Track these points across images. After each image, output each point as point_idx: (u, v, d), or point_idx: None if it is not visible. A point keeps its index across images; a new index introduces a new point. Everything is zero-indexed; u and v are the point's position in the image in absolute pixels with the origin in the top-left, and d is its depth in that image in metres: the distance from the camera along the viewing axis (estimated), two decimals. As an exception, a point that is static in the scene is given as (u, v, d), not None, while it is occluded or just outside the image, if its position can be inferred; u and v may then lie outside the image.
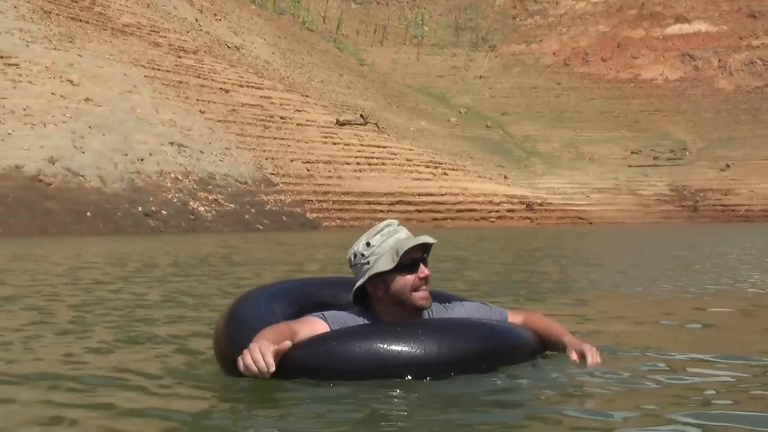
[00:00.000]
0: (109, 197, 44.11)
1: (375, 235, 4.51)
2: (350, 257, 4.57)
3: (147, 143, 51.22)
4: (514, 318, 4.81)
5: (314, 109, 74.42)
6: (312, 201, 56.70)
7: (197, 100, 63.00)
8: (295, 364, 4.15)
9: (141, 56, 64.71)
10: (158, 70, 64.06)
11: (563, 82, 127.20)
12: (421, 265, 4.44)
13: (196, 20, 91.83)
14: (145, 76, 60.97)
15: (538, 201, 70.19)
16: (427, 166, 69.89)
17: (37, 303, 8.45)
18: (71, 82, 53.93)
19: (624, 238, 35.24)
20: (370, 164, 66.36)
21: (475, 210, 63.32)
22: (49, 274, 13.27)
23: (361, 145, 69.45)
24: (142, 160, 49.38)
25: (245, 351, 4.05)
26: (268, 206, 52.28)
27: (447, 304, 4.84)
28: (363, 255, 4.49)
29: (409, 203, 60.99)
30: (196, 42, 79.05)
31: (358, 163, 65.77)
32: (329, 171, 62.87)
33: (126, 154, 48.91)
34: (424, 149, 78.19)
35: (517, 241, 30.93)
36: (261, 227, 47.65)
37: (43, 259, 18.34)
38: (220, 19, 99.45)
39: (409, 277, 4.41)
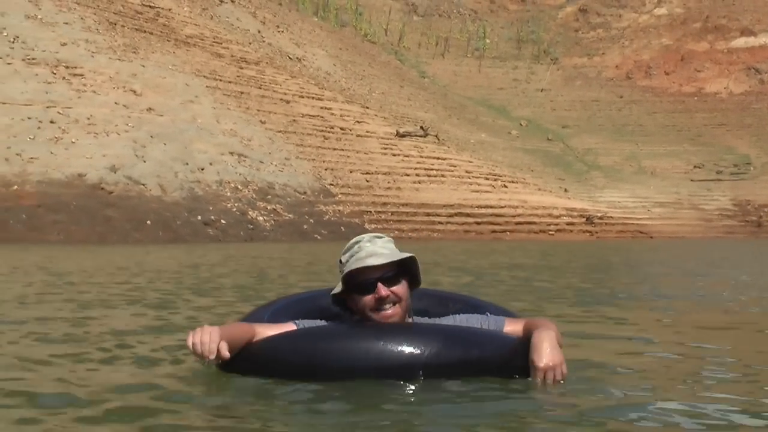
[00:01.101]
0: (169, 206, 44.51)
1: (344, 253, 4.50)
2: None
3: (207, 153, 51.64)
4: (513, 326, 4.58)
5: (374, 121, 74.54)
6: (371, 212, 56.75)
7: (258, 110, 63.40)
8: (246, 359, 4.26)
9: (203, 67, 65.29)
10: (220, 80, 64.59)
11: (625, 95, 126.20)
12: (379, 284, 4.32)
13: (259, 32, 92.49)
14: (206, 86, 61.52)
15: (599, 214, 69.60)
16: (487, 179, 69.63)
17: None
18: (134, 92, 54.56)
19: (708, 252, 34.83)
20: (429, 176, 66.28)
21: (534, 223, 62.95)
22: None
23: (421, 156, 69.39)
24: (202, 169, 49.78)
25: (197, 329, 4.14)
26: (327, 216, 52.44)
27: (437, 319, 4.71)
28: (340, 271, 4.50)
29: (468, 215, 60.77)
30: (258, 53, 79.59)
31: (417, 175, 65.71)
32: (388, 182, 62.88)
33: (186, 163, 49.34)
34: (483, 161, 77.96)
35: (595, 255, 30.67)
36: (319, 237, 47.80)
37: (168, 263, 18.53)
38: (282, 31, 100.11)
39: (366, 298, 4.34)
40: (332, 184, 57.90)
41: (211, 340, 4.06)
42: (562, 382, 4.12)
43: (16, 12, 57.28)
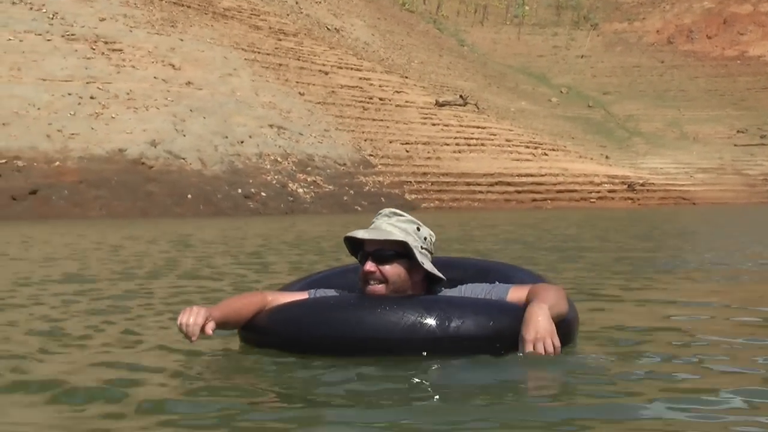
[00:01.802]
0: (209, 179, 44.63)
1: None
2: None
3: (247, 126, 51.68)
4: (517, 294, 4.39)
5: (413, 90, 74.28)
6: (411, 182, 56.64)
7: (297, 82, 63.36)
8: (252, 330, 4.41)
9: (241, 39, 65.28)
10: (258, 53, 64.56)
11: (667, 60, 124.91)
12: (369, 260, 4.31)
13: (296, 3, 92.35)
14: (245, 59, 61.52)
15: (640, 181, 69.03)
16: (527, 147, 69.24)
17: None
18: (173, 66, 54.67)
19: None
20: (469, 145, 66.01)
21: (575, 191, 62.54)
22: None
23: (461, 125, 69.10)
24: (241, 142, 49.84)
25: (185, 309, 4.26)
26: (367, 188, 52.38)
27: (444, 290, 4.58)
28: None
29: (509, 184, 60.49)
30: (296, 25, 79.50)
31: (457, 144, 65.47)
32: (428, 152, 62.70)
33: (226, 137, 49.42)
34: (524, 130, 77.54)
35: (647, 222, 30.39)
36: (359, 209, 47.78)
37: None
38: (320, 2, 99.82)
39: (360, 270, 4.37)
40: (372, 155, 57.82)
41: (194, 322, 4.16)
42: (553, 354, 3.95)
43: (55, -12, 57.50)
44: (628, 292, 7.36)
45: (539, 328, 3.98)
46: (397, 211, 4.47)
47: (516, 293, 4.39)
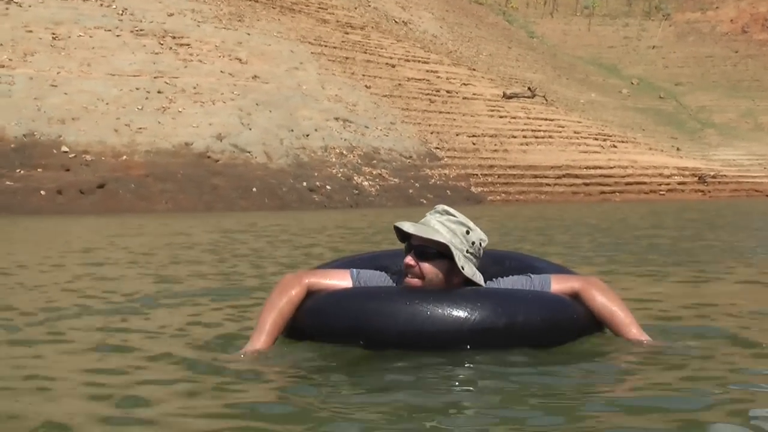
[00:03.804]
0: (275, 173, 44.81)
1: None
2: None
3: (312, 119, 51.83)
4: (561, 284, 4.42)
5: (481, 83, 73.99)
6: (477, 175, 56.37)
7: (363, 75, 63.42)
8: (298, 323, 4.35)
9: (308, 33, 65.52)
10: (325, 46, 64.75)
11: (741, 50, 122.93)
12: (411, 254, 4.30)
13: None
14: (311, 52, 61.72)
15: (711, 173, 67.95)
16: (596, 139, 68.56)
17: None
18: (239, 60, 55.03)
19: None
20: (536, 137, 65.56)
21: (644, 183, 61.71)
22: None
23: (528, 118, 68.66)
24: (307, 135, 49.99)
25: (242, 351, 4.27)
26: (432, 180, 52.24)
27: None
28: None
29: (576, 176, 59.91)
30: (364, 18, 79.60)
31: (524, 137, 65.05)
32: (495, 144, 62.38)
33: (291, 130, 49.60)
34: (593, 121, 76.84)
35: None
36: (425, 201, 47.61)
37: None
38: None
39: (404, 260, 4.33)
40: (438, 148, 57.67)
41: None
42: None
43: (125, -16, 58.20)
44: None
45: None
46: (451, 210, 4.40)
47: (559, 284, 4.41)
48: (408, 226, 4.27)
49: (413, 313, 4.08)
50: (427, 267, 4.27)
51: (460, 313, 4.06)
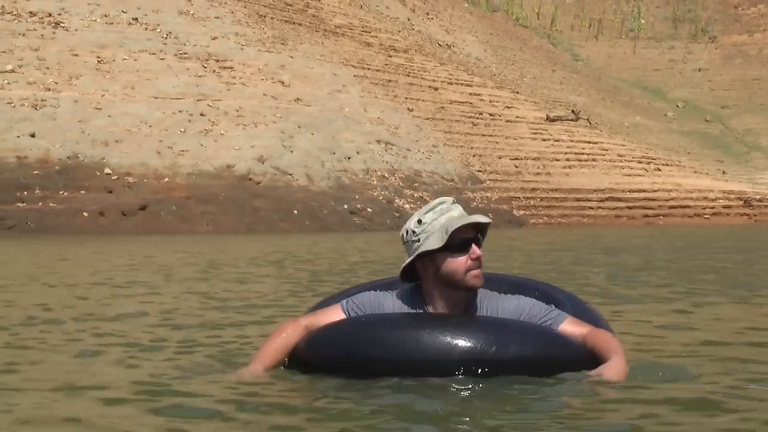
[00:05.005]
0: (316, 195, 44.91)
1: (427, 212, 4.39)
2: (402, 234, 4.48)
3: (354, 142, 51.93)
4: (574, 327, 4.37)
5: (524, 106, 73.80)
6: (519, 198, 56.16)
7: (406, 98, 63.51)
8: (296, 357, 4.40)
9: (351, 56, 65.75)
10: (368, 69, 64.94)
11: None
12: (474, 245, 4.29)
13: (408, 19, 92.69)
14: (354, 75, 61.91)
15: (757, 197, 67.15)
16: (639, 162, 68.05)
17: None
18: (282, 83, 55.30)
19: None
20: (579, 160, 65.20)
21: (688, 206, 61.07)
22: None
23: (572, 141, 68.32)
24: (349, 158, 50.09)
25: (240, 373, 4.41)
26: (474, 203, 52.09)
27: (501, 294, 4.56)
28: (414, 232, 4.39)
29: (620, 200, 59.43)
30: (407, 41, 79.76)
31: (567, 159, 64.73)
32: (538, 167, 62.13)
33: (333, 153, 49.72)
34: (637, 145, 76.30)
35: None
36: (466, 224, 47.44)
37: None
38: (432, 18, 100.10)
39: (461, 258, 4.28)
40: (480, 171, 57.56)
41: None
42: None
43: (170, 9, 58.73)
44: None
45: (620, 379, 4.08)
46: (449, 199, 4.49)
47: (569, 327, 4.37)
48: (481, 217, 4.33)
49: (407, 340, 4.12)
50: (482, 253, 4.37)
51: (456, 341, 4.07)
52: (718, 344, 5.47)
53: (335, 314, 4.46)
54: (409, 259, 4.39)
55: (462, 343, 4.04)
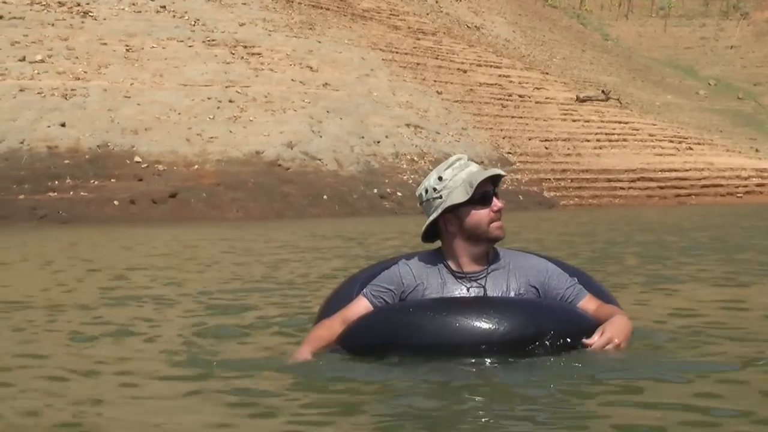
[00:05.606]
0: (345, 180, 44.89)
1: (446, 169, 4.46)
2: (421, 193, 4.57)
3: (383, 126, 51.85)
4: (590, 304, 4.46)
5: (554, 87, 73.45)
6: (549, 179, 55.91)
7: (434, 81, 63.34)
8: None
9: (379, 40, 65.62)
10: (396, 53, 64.80)
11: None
12: (494, 198, 4.39)
13: (436, 2, 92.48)
14: (382, 59, 61.79)
15: (791, 174, 66.56)
16: (671, 141, 67.60)
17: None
18: (310, 68, 55.28)
19: None
20: (610, 141, 64.85)
21: (720, 185, 60.57)
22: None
23: (602, 121, 67.95)
24: (378, 142, 50.02)
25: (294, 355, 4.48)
26: (504, 185, 51.82)
27: (526, 253, 4.68)
28: (435, 189, 4.46)
29: (651, 179, 59.05)
30: (435, 24, 79.54)
31: (598, 140, 64.39)
32: (568, 148, 61.84)
33: (362, 137, 49.66)
34: (668, 124, 75.81)
35: None
36: (496, 207, 47.30)
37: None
38: (460, 0, 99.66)
39: (483, 211, 4.37)
40: (510, 153, 57.35)
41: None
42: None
43: (198, -5, 58.91)
44: None
45: (621, 337, 4.20)
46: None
47: (589, 303, 4.46)
48: (497, 170, 4.44)
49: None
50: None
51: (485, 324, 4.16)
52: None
53: (362, 306, 4.52)
54: (435, 214, 4.44)
55: (504, 324, 4.13)
